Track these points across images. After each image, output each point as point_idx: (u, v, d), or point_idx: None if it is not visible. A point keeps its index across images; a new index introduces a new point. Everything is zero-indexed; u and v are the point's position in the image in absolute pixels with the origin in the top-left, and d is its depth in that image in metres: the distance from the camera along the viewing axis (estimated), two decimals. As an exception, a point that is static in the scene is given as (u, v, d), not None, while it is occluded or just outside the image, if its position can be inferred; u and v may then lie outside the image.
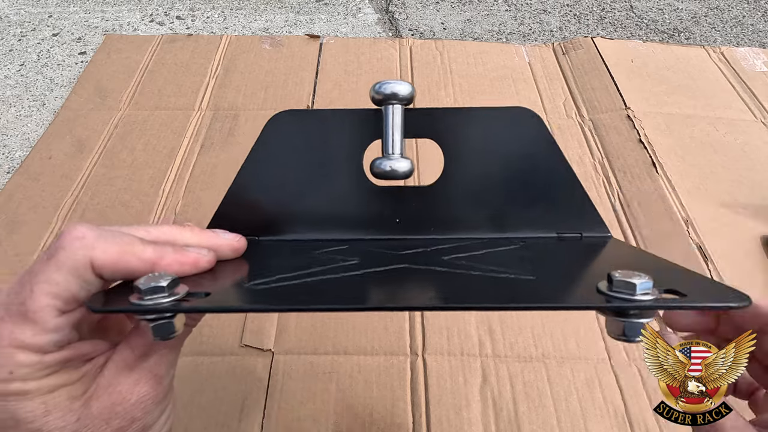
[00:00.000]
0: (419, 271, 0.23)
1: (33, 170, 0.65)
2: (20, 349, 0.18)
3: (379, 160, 0.26)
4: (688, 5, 1.08)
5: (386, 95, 0.25)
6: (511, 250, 0.25)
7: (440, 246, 0.26)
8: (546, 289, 0.21)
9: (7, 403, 0.18)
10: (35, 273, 0.18)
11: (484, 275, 0.21)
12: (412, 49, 0.86)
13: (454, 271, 0.22)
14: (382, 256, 0.25)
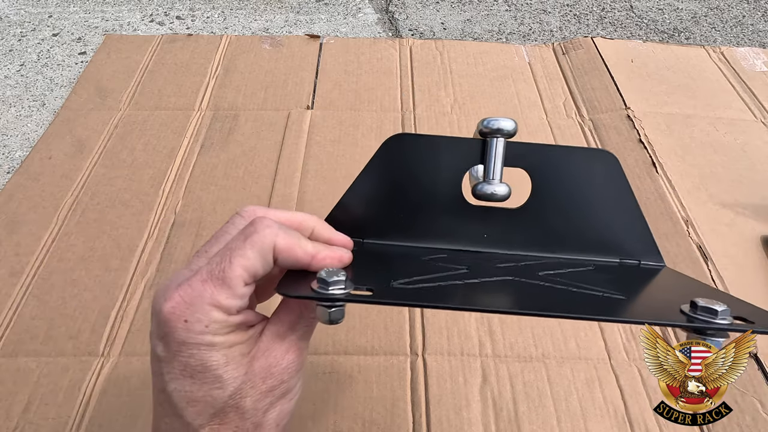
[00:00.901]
0: (527, 284, 0.26)
1: (33, 170, 0.65)
2: (216, 308, 0.22)
3: (481, 185, 0.30)
4: (688, 5, 1.08)
5: (492, 129, 0.29)
6: (590, 272, 0.29)
7: (528, 262, 0.30)
8: (641, 307, 0.24)
9: (200, 351, 0.22)
10: (234, 249, 0.22)
11: (583, 292, 0.25)
12: (412, 49, 0.86)
13: (555, 287, 0.26)
14: (486, 267, 0.29)
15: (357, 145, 0.69)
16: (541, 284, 0.26)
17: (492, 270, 0.28)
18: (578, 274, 0.28)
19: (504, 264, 0.29)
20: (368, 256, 0.29)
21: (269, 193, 0.62)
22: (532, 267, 0.29)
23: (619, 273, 0.29)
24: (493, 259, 0.30)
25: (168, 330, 0.22)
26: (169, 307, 0.21)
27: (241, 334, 0.23)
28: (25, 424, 0.44)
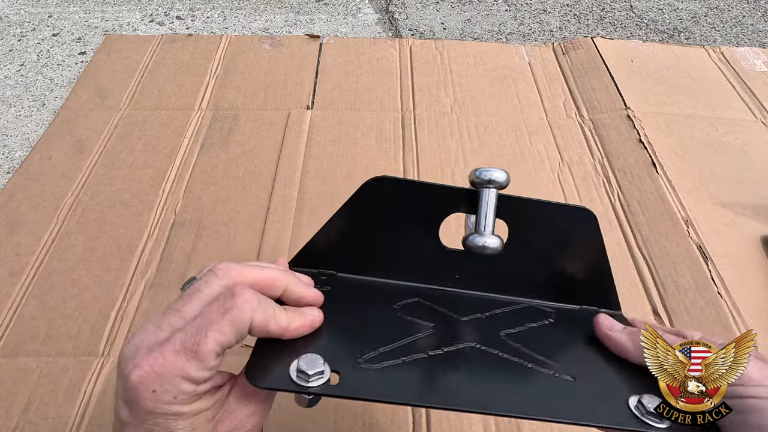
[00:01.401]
0: (488, 358, 0.27)
1: (33, 170, 0.65)
2: (185, 379, 0.22)
3: (472, 236, 0.30)
4: (688, 5, 1.08)
5: (484, 180, 0.29)
6: (549, 327, 0.30)
7: (495, 312, 0.31)
8: (591, 397, 0.26)
9: (166, 421, 0.22)
10: (212, 322, 0.23)
11: (538, 371, 0.26)
12: (412, 49, 0.86)
13: (513, 361, 0.27)
14: (451, 325, 0.30)
15: (357, 145, 0.69)
16: (501, 356, 0.27)
17: (457, 329, 0.29)
18: (538, 332, 0.30)
19: (470, 316, 0.30)
20: (339, 300, 0.29)
21: (269, 193, 0.62)
22: (495, 323, 0.30)
23: (577, 327, 0.30)
24: (460, 305, 0.31)
25: (134, 397, 0.21)
26: (137, 376, 0.21)
27: (208, 399, 0.23)
28: (25, 424, 0.44)
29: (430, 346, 0.27)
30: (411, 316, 0.29)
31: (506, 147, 0.69)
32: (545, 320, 0.31)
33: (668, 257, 0.57)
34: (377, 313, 0.30)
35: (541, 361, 0.27)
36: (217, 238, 0.58)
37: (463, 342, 0.28)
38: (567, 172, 0.66)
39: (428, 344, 0.27)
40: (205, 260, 0.56)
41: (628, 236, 0.59)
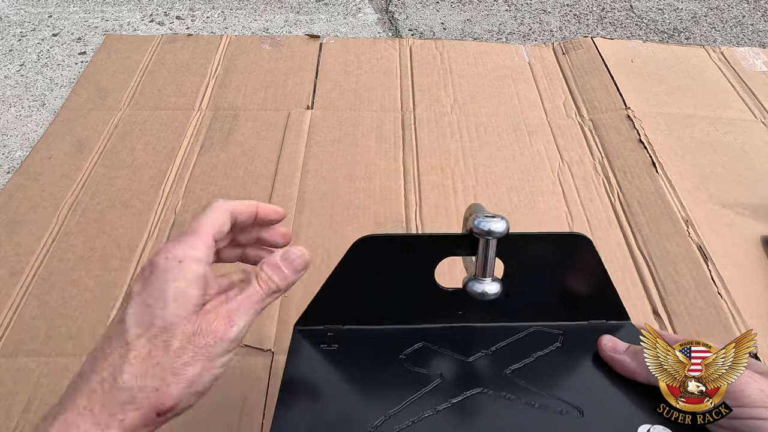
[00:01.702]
0: (494, 400, 0.28)
1: (33, 170, 0.65)
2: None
3: (472, 282, 0.30)
4: (688, 5, 1.08)
5: (484, 231, 0.29)
6: (556, 354, 0.31)
7: (499, 345, 0.31)
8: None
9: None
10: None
11: (541, 411, 0.27)
12: (412, 49, 0.86)
13: (520, 403, 0.27)
14: (457, 367, 0.30)
15: (357, 145, 0.69)
16: (508, 399, 0.28)
17: (464, 372, 0.30)
18: (546, 361, 0.30)
19: (476, 355, 0.31)
20: (348, 359, 0.31)
21: (269, 193, 0.62)
22: (502, 358, 0.30)
23: (585, 348, 0.31)
24: (467, 341, 0.32)
25: (151, 265, 0.25)
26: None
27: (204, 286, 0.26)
28: (25, 424, 0.44)
29: (438, 400, 0.28)
30: (418, 367, 0.30)
31: (506, 147, 0.69)
32: (552, 345, 0.31)
33: (668, 257, 0.57)
34: (385, 368, 0.31)
35: (547, 398, 0.27)
36: (217, 238, 0.58)
37: (470, 389, 0.28)
38: (567, 172, 0.66)
39: (436, 398, 0.28)
40: (205, 260, 0.56)
41: (628, 236, 0.59)
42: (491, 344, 0.31)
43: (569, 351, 0.31)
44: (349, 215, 0.60)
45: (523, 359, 0.30)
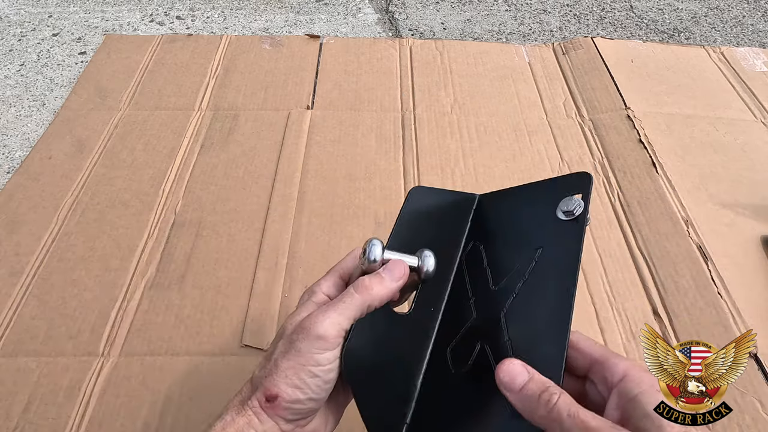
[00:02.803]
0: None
1: (33, 170, 0.65)
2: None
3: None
4: (688, 5, 1.08)
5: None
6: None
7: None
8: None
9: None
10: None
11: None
12: (412, 49, 0.86)
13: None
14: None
15: (357, 145, 0.69)
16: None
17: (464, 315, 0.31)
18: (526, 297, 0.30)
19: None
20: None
21: (269, 193, 0.62)
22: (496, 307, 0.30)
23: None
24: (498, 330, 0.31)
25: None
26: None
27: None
28: (25, 424, 0.44)
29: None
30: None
31: (506, 147, 0.69)
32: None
33: (668, 257, 0.57)
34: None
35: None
36: (217, 238, 0.58)
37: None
38: (567, 172, 0.66)
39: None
40: (205, 260, 0.56)
41: (628, 236, 0.59)
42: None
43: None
44: (349, 215, 0.60)
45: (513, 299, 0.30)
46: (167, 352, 0.48)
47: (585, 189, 0.30)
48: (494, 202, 0.35)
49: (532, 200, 0.33)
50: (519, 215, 0.33)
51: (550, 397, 0.23)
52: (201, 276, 0.54)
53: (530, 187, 0.34)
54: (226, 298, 0.53)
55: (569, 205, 0.30)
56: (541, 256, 0.30)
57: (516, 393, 0.24)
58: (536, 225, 0.31)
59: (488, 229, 0.34)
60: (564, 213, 0.30)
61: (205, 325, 0.51)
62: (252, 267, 0.55)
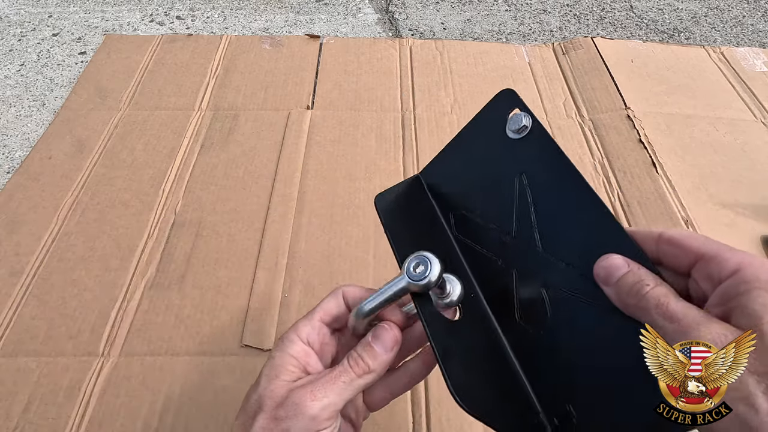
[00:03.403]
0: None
1: (33, 170, 0.65)
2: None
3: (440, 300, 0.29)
4: (688, 5, 1.08)
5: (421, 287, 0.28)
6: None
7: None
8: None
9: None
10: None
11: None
12: (412, 49, 0.86)
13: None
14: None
15: (357, 145, 0.69)
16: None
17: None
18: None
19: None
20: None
21: (269, 193, 0.62)
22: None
23: None
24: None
25: None
26: None
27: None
28: (25, 424, 0.44)
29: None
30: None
31: (506, 147, 0.69)
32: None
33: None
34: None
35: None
36: (217, 238, 0.58)
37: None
38: (567, 172, 0.66)
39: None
40: (205, 260, 0.56)
41: (628, 236, 0.59)
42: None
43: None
44: (349, 215, 0.60)
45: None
46: (167, 352, 0.48)
47: (516, 102, 0.30)
48: (441, 167, 0.33)
49: (475, 144, 0.32)
50: (474, 162, 0.31)
51: (641, 287, 0.22)
52: (201, 276, 0.54)
53: (464, 134, 0.32)
54: (226, 298, 0.53)
55: (516, 123, 0.29)
56: (530, 178, 0.28)
57: (612, 286, 0.24)
58: (498, 159, 0.30)
59: (455, 193, 0.32)
60: (517, 132, 0.29)
61: (205, 325, 0.51)
62: (252, 267, 0.55)
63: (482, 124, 0.31)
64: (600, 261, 0.24)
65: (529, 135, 0.28)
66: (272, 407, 0.25)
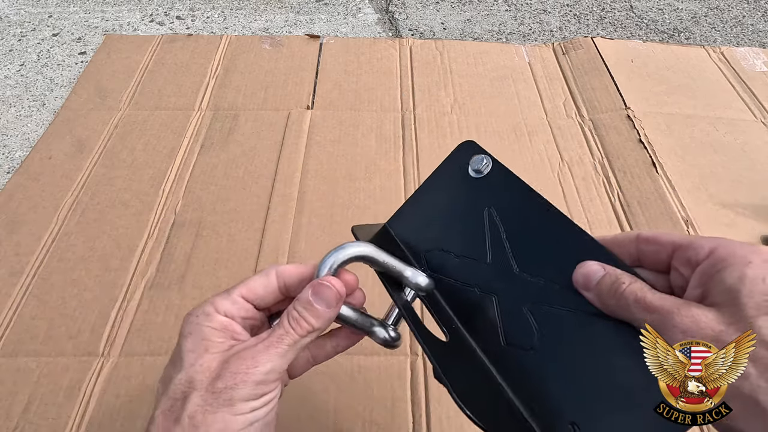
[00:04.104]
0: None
1: (33, 170, 0.65)
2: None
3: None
4: (688, 5, 1.08)
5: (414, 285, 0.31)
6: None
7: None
8: None
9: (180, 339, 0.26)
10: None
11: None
12: (412, 49, 0.86)
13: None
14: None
15: (357, 145, 0.69)
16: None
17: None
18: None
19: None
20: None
21: (269, 193, 0.62)
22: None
23: None
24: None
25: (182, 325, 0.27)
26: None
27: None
28: (25, 424, 0.44)
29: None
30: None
31: (506, 147, 0.69)
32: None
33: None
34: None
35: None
36: (217, 238, 0.58)
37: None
38: (567, 172, 0.66)
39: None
40: (205, 260, 0.56)
41: (628, 236, 0.59)
42: None
43: None
44: (349, 215, 0.60)
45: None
46: (167, 352, 0.48)
47: (476, 150, 0.32)
48: (409, 215, 0.35)
49: (441, 189, 0.34)
50: (442, 205, 0.33)
51: (618, 286, 0.23)
52: (201, 276, 0.54)
53: (428, 184, 0.34)
54: (226, 298, 0.53)
55: (477, 163, 0.31)
56: (498, 210, 0.30)
57: (592, 290, 0.25)
58: (465, 198, 0.32)
59: (427, 237, 0.33)
60: (478, 171, 0.31)
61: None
62: (252, 267, 0.55)
63: (446, 172, 0.34)
64: (578, 269, 0.25)
65: (490, 172, 0.31)
66: (207, 382, 0.24)
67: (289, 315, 0.26)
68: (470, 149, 0.32)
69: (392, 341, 0.30)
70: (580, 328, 0.25)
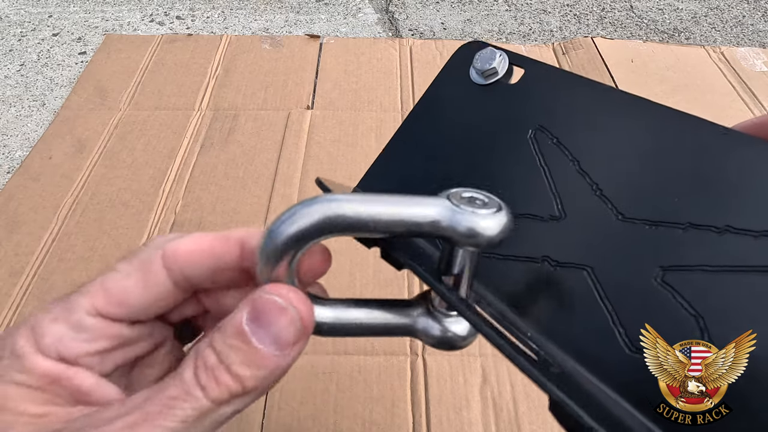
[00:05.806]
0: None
1: (33, 170, 0.65)
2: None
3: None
4: (688, 5, 1.08)
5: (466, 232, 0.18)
6: None
7: None
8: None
9: None
10: None
11: None
12: (412, 49, 0.86)
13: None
14: None
15: (357, 145, 0.69)
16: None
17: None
18: None
19: None
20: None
21: (269, 194, 0.62)
22: None
23: None
24: None
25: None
26: None
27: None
28: (25, 424, 0.44)
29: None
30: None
31: (506, 147, 0.69)
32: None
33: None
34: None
35: None
36: (217, 238, 0.58)
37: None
38: (567, 172, 0.66)
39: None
40: (205, 260, 0.56)
41: (628, 236, 0.59)
42: None
43: None
44: (349, 215, 0.60)
45: None
46: (167, 352, 0.49)
47: (482, 46, 0.22)
48: (394, 161, 0.23)
49: (443, 114, 0.23)
50: (450, 140, 0.22)
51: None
52: (201, 276, 0.54)
53: (419, 109, 0.23)
54: (226, 298, 0.53)
55: (485, 62, 0.19)
56: (548, 125, 0.20)
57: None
58: (485, 125, 0.20)
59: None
60: (485, 75, 0.20)
61: (205, 325, 0.51)
62: (252, 267, 0.55)
63: (446, 83, 0.21)
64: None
65: (524, 75, 0.20)
66: None
67: (196, 355, 0.14)
68: (475, 48, 0.22)
69: (458, 339, 0.17)
70: None
